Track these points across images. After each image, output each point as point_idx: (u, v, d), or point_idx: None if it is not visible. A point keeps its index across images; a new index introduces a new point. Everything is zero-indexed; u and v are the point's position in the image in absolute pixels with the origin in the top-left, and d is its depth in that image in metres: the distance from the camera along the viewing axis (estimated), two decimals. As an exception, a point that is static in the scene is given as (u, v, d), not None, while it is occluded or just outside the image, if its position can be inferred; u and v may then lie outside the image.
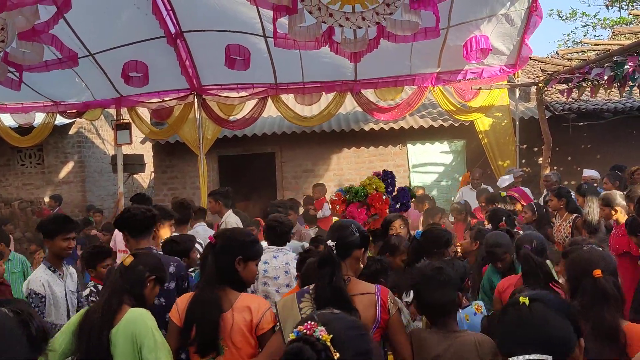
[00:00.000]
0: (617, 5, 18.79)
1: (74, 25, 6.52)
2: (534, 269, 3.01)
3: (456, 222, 6.90)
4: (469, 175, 8.63)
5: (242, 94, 8.48)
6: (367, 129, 9.98)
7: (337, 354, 1.33)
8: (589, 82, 8.10)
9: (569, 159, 10.23)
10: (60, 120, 9.55)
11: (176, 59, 7.48)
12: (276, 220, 4.13)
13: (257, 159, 10.48)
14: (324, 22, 5.52)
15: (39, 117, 9.15)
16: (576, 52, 8.99)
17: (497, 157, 8.54)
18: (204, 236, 5.41)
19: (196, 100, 8.47)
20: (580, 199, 5.53)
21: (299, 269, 3.50)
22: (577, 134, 9.89)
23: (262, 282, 3.86)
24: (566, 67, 7.96)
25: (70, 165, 11.66)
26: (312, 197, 8.66)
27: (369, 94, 8.75)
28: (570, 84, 8.40)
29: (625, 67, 6.50)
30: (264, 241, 4.07)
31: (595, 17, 19.99)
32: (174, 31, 7.15)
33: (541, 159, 9.05)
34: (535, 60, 9.89)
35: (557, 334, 1.47)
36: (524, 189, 7.33)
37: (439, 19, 5.58)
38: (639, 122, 10.03)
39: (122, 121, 8.97)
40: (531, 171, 9.86)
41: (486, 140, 8.58)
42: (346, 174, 10.29)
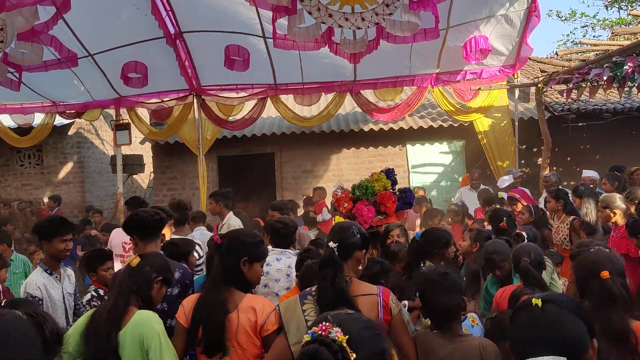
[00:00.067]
0: (617, 5, 18.81)
1: (73, 25, 6.51)
2: (533, 282, 3.11)
3: (453, 224, 6.88)
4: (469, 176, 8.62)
5: (242, 94, 8.47)
6: (366, 129, 9.98)
7: (354, 355, 1.32)
8: (588, 83, 8.10)
9: (569, 159, 10.24)
10: (59, 120, 9.55)
11: (175, 60, 7.47)
12: (281, 221, 4.06)
13: (256, 159, 10.48)
14: (324, 23, 5.51)
15: (38, 118, 9.14)
16: (575, 53, 8.99)
17: (497, 158, 8.54)
18: (201, 240, 5.41)
19: (195, 100, 8.46)
20: (577, 200, 5.53)
21: (298, 268, 3.48)
22: (576, 134, 9.90)
23: (263, 284, 3.79)
24: (565, 68, 7.96)
25: (69, 165, 11.65)
26: (312, 198, 8.66)
27: (369, 94, 8.74)
28: (569, 85, 8.41)
29: (624, 67, 6.50)
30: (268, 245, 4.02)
31: (594, 17, 20.06)
32: (173, 32, 7.15)
33: (540, 159, 9.05)
34: (534, 60, 9.90)
35: (570, 335, 1.47)
36: (524, 189, 7.32)
37: (438, 19, 5.57)
38: (638, 123, 10.04)
39: (121, 122, 8.97)
40: (530, 172, 9.87)
41: (485, 140, 8.58)
42: (346, 174, 10.30)
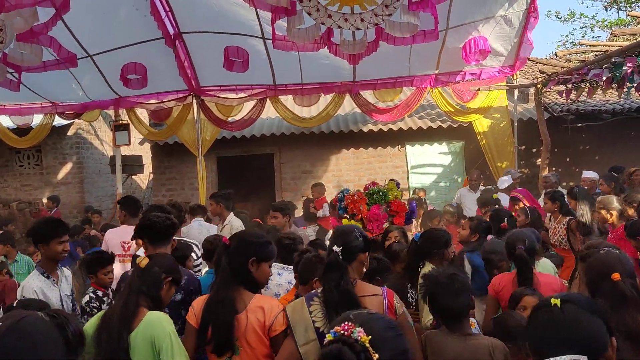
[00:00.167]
0: (616, 6, 18.82)
1: (72, 26, 6.51)
2: (528, 267, 3.24)
3: (448, 225, 6.89)
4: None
5: (241, 95, 8.47)
6: (365, 130, 9.98)
7: (376, 355, 1.32)
8: (587, 84, 8.11)
9: (568, 160, 10.24)
10: (58, 121, 9.55)
11: (175, 60, 7.48)
12: (289, 237, 4.01)
13: (255, 160, 10.47)
14: (323, 24, 5.51)
15: (37, 118, 9.14)
16: (575, 54, 8.98)
17: (496, 158, 8.55)
18: (198, 231, 5.47)
19: (195, 101, 8.47)
20: (572, 202, 5.57)
21: (295, 269, 3.47)
22: (575, 135, 9.90)
23: None
24: (565, 69, 7.95)
25: (68, 166, 11.64)
26: (312, 198, 8.65)
27: (368, 95, 8.75)
28: (568, 85, 8.41)
29: (623, 68, 6.50)
30: None
31: (593, 18, 20.07)
32: (172, 32, 7.15)
33: (540, 160, 9.06)
34: (533, 61, 9.90)
35: (590, 334, 1.48)
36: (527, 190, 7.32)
37: (437, 20, 5.58)
38: (637, 123, 10.04)
39: (120, 122, 8.97)
40: (530, 172, 9.87)
41: (485, 141, 8.59)
42: (345, 175, 10.30)
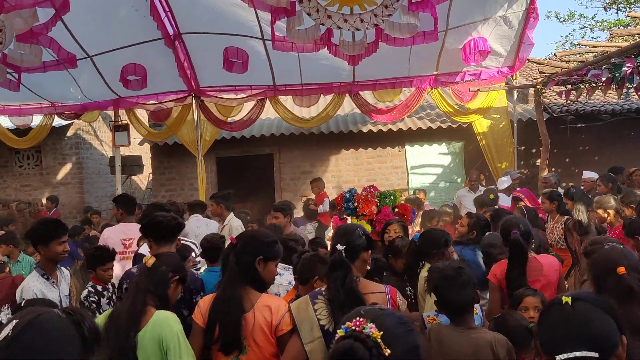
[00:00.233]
0: (615, 7, 18.83)
1: (72, 27, 6.51)
2: (523, 252, 3.28)
3: (444, 225, 6.89)
4: (482, 176, 8.56)
5: (241, 95, 8.48)
6: (365, 130, 9.98)
7: (388, 351, 1.31)
8: (587, 84, 8.11)
9: (567, 160, 10.25)
10: (58, 121, 9.54)
11: (174, 61, 7.48)
12: (293, 239, 4.03)
13: (255, 160, 10.47)
14: (323, 24, 5.52)
15: (37, 119, 9.14)
16: (574, 54, 8.98)
17: (495, 159, 8.55)
18: (196, 225, 5.50)
19: (194, 101, 8.47)
20: (569, 202, 5.61)
21: (294, 270, 3.47)
22: (575, 135, 9.91)
23: None
24: (564, 69, 7.96)
25: (68, 166, 11.63)
26: (311, 198, 8.64)
27: (367, 95, 8.75)
28: (568, 86, 8.42)
29: (623, 69, 6.50)
30: None
31: (593, 19, 20.02)
32: (172, 33, 7.15)
33: (539, 160, 9.06)
34: (533, 62, 9.91)
35: (601, 332, 1.49)
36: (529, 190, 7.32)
37: (437, 20, 5.58)
38: (636, 124, 10.05)
39: (120, 123, 8.97)
40: (529, 173, 9.87)
41: (484, 141, 8.60)
42: (344, 175, 10.30)
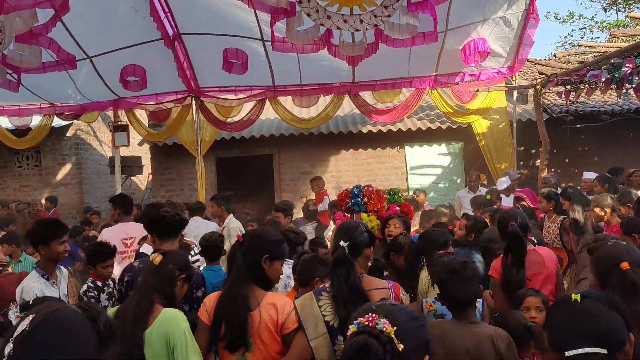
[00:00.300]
0: (614, 7, 18.84)
1: (71, 28, 6.50)
2: (522, 244, 3.30)
3: None
4: (483, 176, 8.58)
5: (240, 96, 8.47)
6: (365, 131, 9.98)
7: (401, 346, 1.33)
8: (586, 85, 8.12)
9: (567, 161, 10.25)
10: (57, 122, 9.53)
11: (174, 61, 7.48)
12: (293, 231, 4.05)
13: (254, 161, 10.47)
14: (322, 25, 5.52)
15: (36, 119, 9.13)
16: (573, 55, 8.98)
17: (495, 159, 8.55)
18: (195, 225, 5.49)
19: (194, 102, 8.47)
20: (566, 203, 5.64)
21: (294, 271, 3.48)
22: (574, 136, 9.91)
23: None
24: (564, 70, 7.96)
25: (67, 167, 11.63)
26: (311, 199, 8.64)
27: (367, 96, 8.74)
28: (567, 86, 8.42)
29: (622, 69, 6.50)
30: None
31: (592, 19, 20.01)
32: (171, 33, 7.15)
33: (539, 161, 9.07)
34: (532, 62, 9.91)
35: (610, 328, 1.52)
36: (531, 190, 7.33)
37: (436, 21, 5.58)
38: (636, 124, 10.05)
39: (119, 123, 8.96)
40: (529, 173, 9.88)
41: (484, 142, 8.60)
42: (344, 176, 10.29)
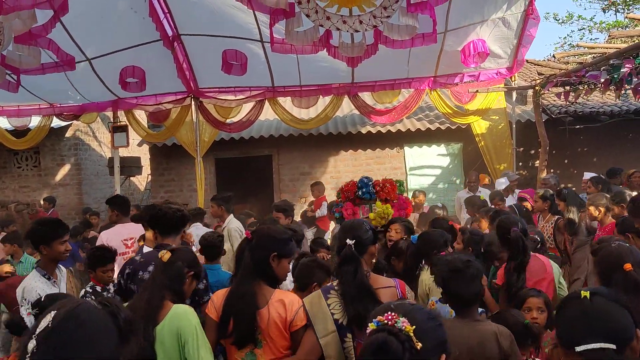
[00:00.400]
0: (613, 8, 18.86)
1: (71, 29, 6.48)
2: (525, 249, 3.32)
3: None
4: (484, 176, 8.59)
5: (239, 96, 8.47)
6: (364, 131, 9.98)
7: (419, 344, 1.36)
8: (586, 86, 8.13)
9: (566, 161, 10.26)
10: (56, 122, 9.51)
11: (173, 62, 7.47)
12: (290, 228, 4.02)
13: (254, 161, 10.47)
14: (321, 26, 5.51)
15: (35, 120, 9.11)
16: (573, 56, 9.00)
17: (494, 160, 8.56)
18: (195, 233, 5.42)
19: (193, 102, 8.47)
20: (561, 204, 5.67)
21: (293, 272, 3.48)
22: (573, 136, 9.92)
23: None
24: (563, 71, 7.97)
25: (66, 167, 11.62)
26: (310, 206, 8.62)
27: (366, 96, 8.75)
28: (566, 87, 8.43)
29: (621, 70, 6.51)
30: None
31: (591, 20, 20.09)
32: (171, 34, 7.15)
33: (538, 162, 9.07)
34: (532, 63, 9.92)
35: (618, 325, 1.56)
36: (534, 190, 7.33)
37: (435, 22, 5.57)
38: (635, 125, 10.06)
39: (118, 124, 8.95)
40: (528, 174, 9.89)
41: (483, 143, 8.60)
42: (343, 176, 10.27)
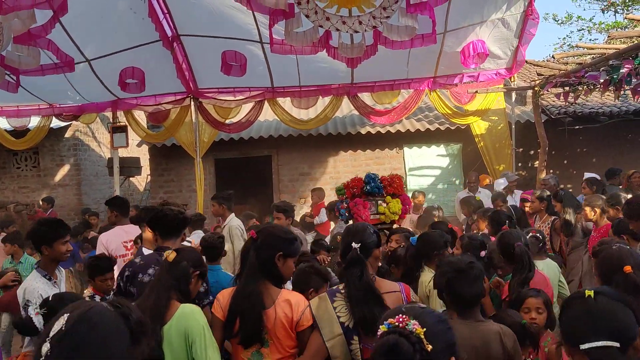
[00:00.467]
0: (613, 9, 18.88)
1: (70, 29, 6.47)
2: (531, 264, 3.31)
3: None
4: (485, 177, 8.59)
5: (239, 97, 8.46)
6: (363, 132, 9.98)
7: (430, 346, 1.40)
8: (585, 86, 8.14)
9: (565, 162, 10.26)
10: (56, 123, 9.50)
11: (173, 62, 7.47)
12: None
13: (253, 162, 10.47)
14: (321, 26, 5.51)
15: (34, 120, 9.09)
16: (572, 56, 9.01)
17: (494, 161, 8.56)
18: (197, 242, 5.38)
19: (193, 103, 8.46)
20: (557, 205, 5.67)
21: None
22: (573, 137, 9.92)
23: None
24: (562, 71, 7.98)
25: (66, 168, 11.61)
26: (309, 213, 8.60)
27: (366, 97, 8.75)
28: (566, 88, 8.43)
29: (621, 71, 6.51)
30: None
31: (590, 21, 20.11)
32: (170, 34, 7.14)
33: (537, 162, 9.07)
34: (531, 64, 9.92)
35: (622, 323, 1.61)
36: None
37: (435, 23, 5.58)
38: (634, 126, 10.07)
39: (118, 124, 8.94)
40: (527, 174, 9.89)
41: (482, 143, 8.61)
42: (343, 177, 10.26)
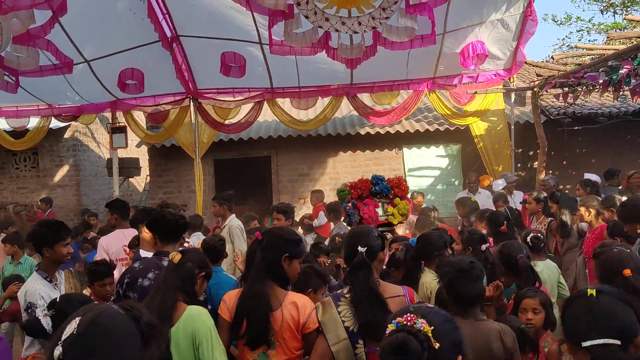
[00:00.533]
0: (612, 10, 18.90)
1: (69, 30, 6.47)
2: (534, 275, 3.35)
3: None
4: (485, 178, 8.58)
5: (238, 97, 8.47)
6: (363, 132, 9.98)
7: (437, 345, 1.44)
8: (584, 87, 8.14)
9: (564, 163, 10.26)
10: (55, 123, 9.51)
11: (172, 63, 7.47)
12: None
13: (253, 162, 10.47)
14: (320, 27, 5.51)
15: (33, 121, 9.09)
16: (571, 57, 9.01)
17: (493, 161, 8.56)
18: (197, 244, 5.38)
19: (192, 103, 8.46)
20: (554, 206, 5.68)
21: None
22: (572, 138, 9.92)
23: None
24: (561, 72, 7.98)
25: (65, 168, 11.61)
26: (308, 215, 8.59)
27: (365, 98, 8.75)
28: (565, 89, 8.43)
29: (620, 71, 6.52)
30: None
31: (589, 21, 20.20)
32: (170, 35, 7.14)
33: (536, 163, 9.07)
34: (530, 64, 9.92)
35: (624, 322, 1.64)
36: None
37: (434, 23, 5.58)
38: (633, 126, 10.07)
39: (117, 125, 8.94)
40: (526, 175, 9.89)
41: (482, 144, 8.61)
42: (342, 177, 10.27)
